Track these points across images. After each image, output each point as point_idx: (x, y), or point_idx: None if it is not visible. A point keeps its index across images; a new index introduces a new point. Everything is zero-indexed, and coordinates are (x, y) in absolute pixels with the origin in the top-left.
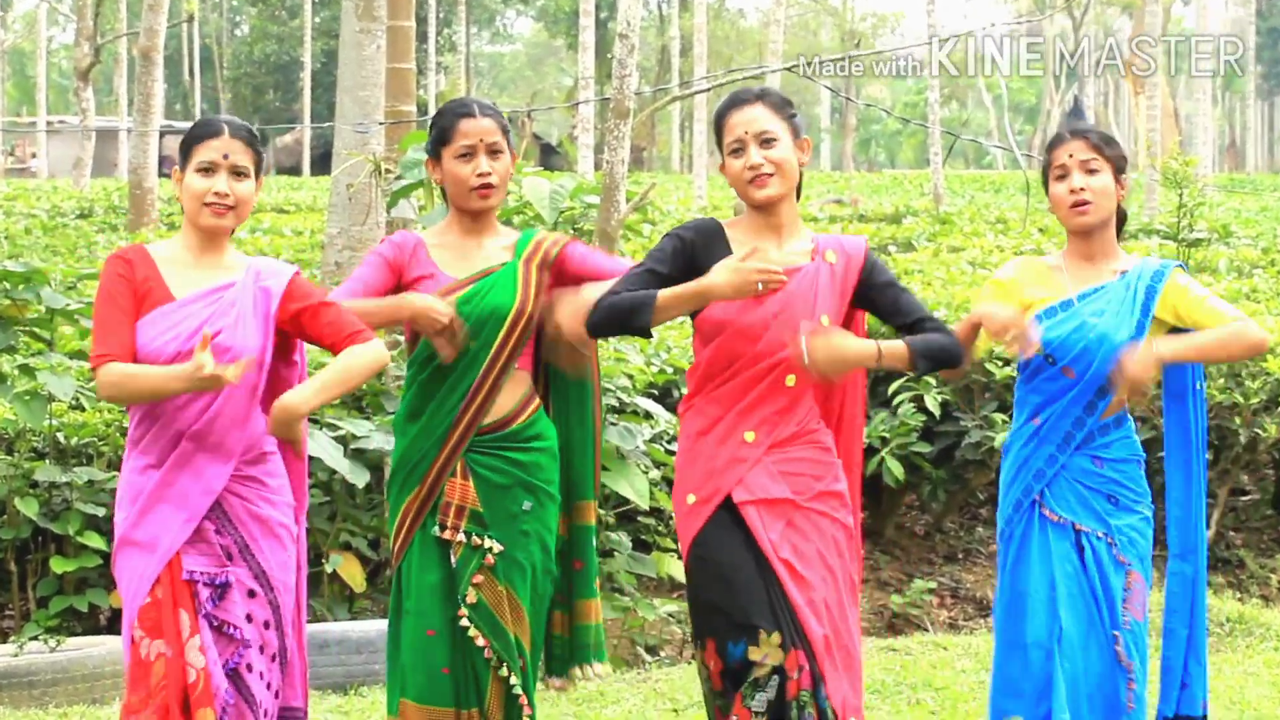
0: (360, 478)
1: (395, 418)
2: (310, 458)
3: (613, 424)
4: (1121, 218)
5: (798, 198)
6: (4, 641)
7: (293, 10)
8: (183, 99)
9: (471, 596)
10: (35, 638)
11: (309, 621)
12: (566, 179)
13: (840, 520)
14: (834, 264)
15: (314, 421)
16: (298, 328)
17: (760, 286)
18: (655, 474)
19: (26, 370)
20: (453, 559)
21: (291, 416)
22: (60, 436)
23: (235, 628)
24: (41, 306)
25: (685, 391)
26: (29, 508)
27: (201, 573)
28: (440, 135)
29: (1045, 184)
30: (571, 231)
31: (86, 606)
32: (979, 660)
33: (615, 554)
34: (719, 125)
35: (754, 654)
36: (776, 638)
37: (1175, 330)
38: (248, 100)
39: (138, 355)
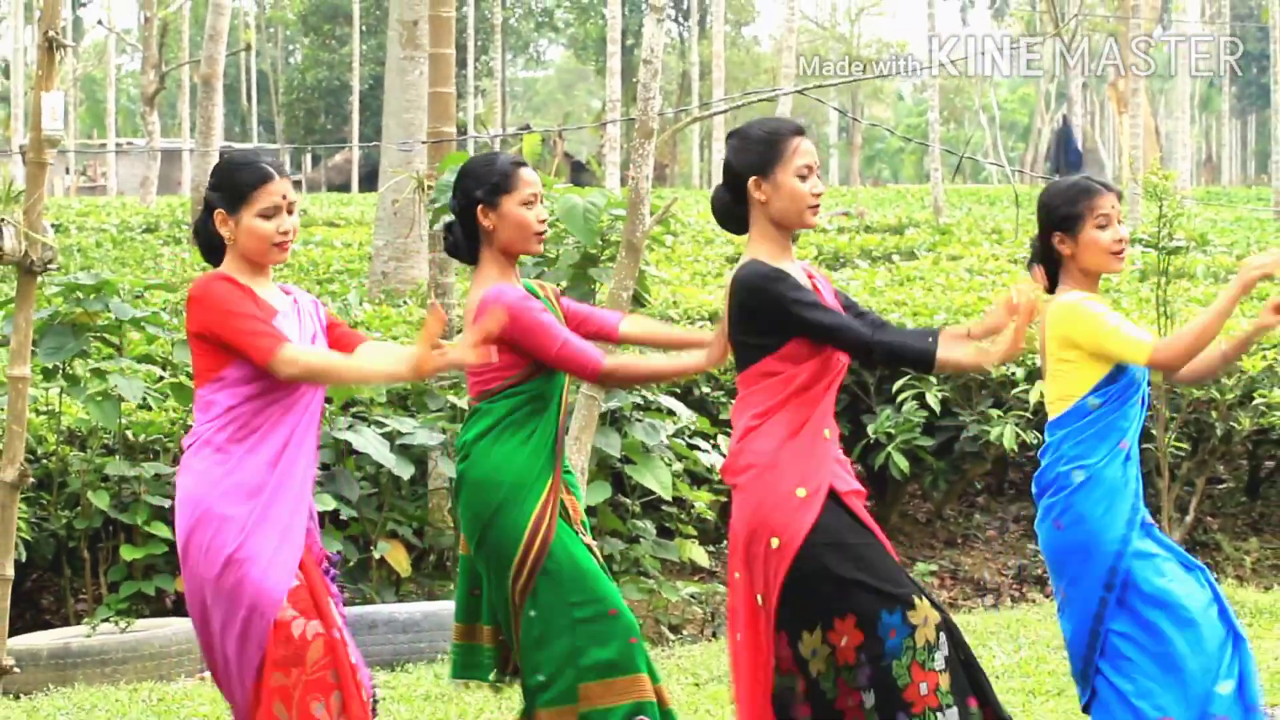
0: (406, 471)
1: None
2: (358, 452)
3: (638, 420)
4: None
5: None
6: (78, 623)
7: (342, 39)
8: (241, 122)
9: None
10: (107, 620)
11: (358, 604)
12: (596, 194)
13: None
14: (821, 278)
15: (362, 419)
16: (329, 341)
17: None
18: (678, 466)
19: (98, 373)
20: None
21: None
22: (129, 434)
23: (341, 611)
24: (110, 315)
25: (705, 390)
26: (101, 500)
27: (320, 562)
28: (501, 183)
29: (1067, 229)
30: (600, 243)
31: (154, 591)
32: (977, 636)
33: (641, 540)
34: (779, 145)
35: (914, 617)
36: (927, 602)
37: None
38: (300, 122)
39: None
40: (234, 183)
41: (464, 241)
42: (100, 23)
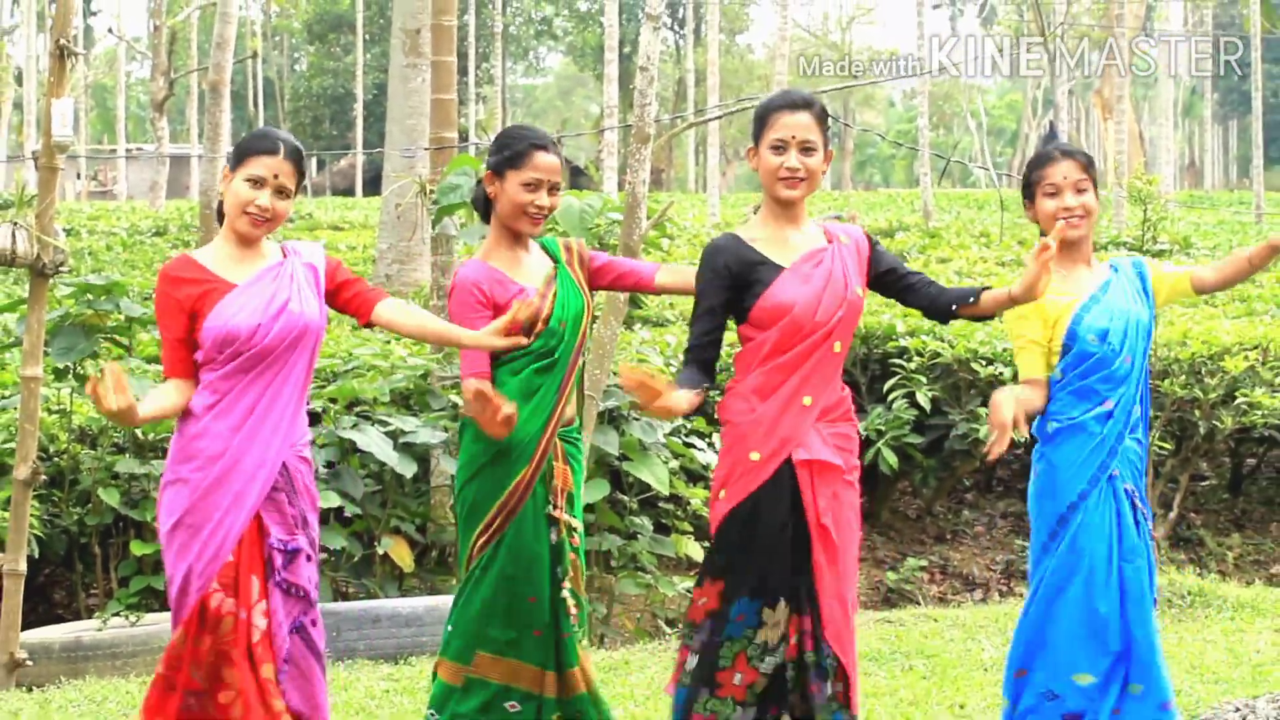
0: (408, 469)
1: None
2: (362, 450)
3: (635, 419)
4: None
5: None
6: (89, 617)
7: (347, 47)
8: (248, 128)
9: (572, 572)
10: (117, 614)
11: (362, 599)
12: (593, 198)
13: (858, 493)
14: (847, 244)
15: (366, 418)
16: (335, 300)
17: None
18: (674, 464)
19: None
20: (555, 536)
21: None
22: (139, 433)
23: (303, 589)
24: (121, 315)
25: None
26: (111, 497)
27: (278, 539)
28: (512, 158)
29: (1030, 196)
30: (598, 245)
31: (163, 585)
32: (966, 630)
33: (638, 536)
34: (765, 119)
35: (768, 617)
36: (786, 609)
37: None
38: (306, 129)
39: (220, 336)
40: (243, 144)
41: (480, 202)
42: (110, 31)
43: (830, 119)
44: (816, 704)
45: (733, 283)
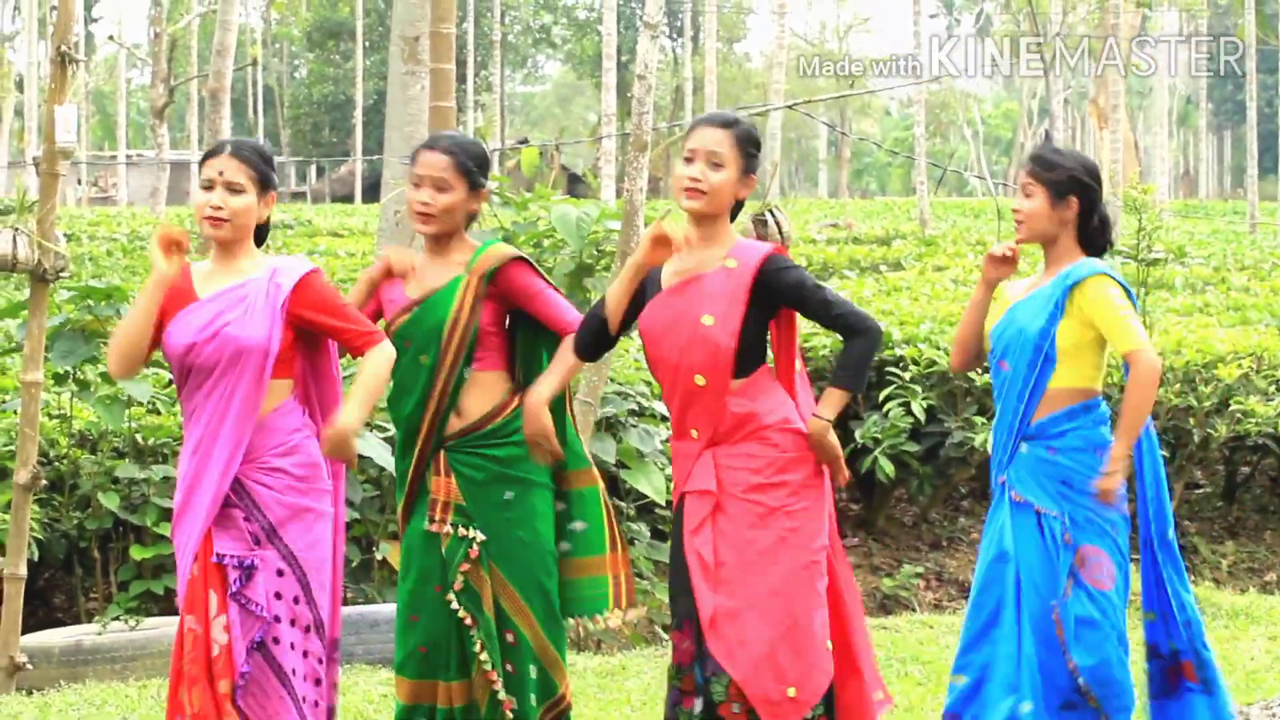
0: None
1: None
2: (361, 456)
3: (633, 426)
4: (1101, 225)
5: (731, 219)
6: (89, 621)
7: (346, 55)
8: (247, 135)
9: (459, 584)
10: (117, 618)
11: (361, 604)
12: (591, 205)
13: (782, 508)
14: (732, 269)
15: (364, 423)
16: (311, 324)
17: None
18: (670, 471)
19: (108, 378)
20: (442, 549)
21: (347, 436)
22: (139, 437)
23: (259, 605)
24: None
25: None
26: (111, 501)
27: (231, 555)
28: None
29: None
30: (595, 253)
31: (163, 589)
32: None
33: (635, 543)
34: (689, 131)
35: (676, 641)
36: (689, 635)
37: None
38: (306, 135)
39: (165, 350)
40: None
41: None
42: (111, 38)
43: (830, 127)
44: None
45: (640, 294)
